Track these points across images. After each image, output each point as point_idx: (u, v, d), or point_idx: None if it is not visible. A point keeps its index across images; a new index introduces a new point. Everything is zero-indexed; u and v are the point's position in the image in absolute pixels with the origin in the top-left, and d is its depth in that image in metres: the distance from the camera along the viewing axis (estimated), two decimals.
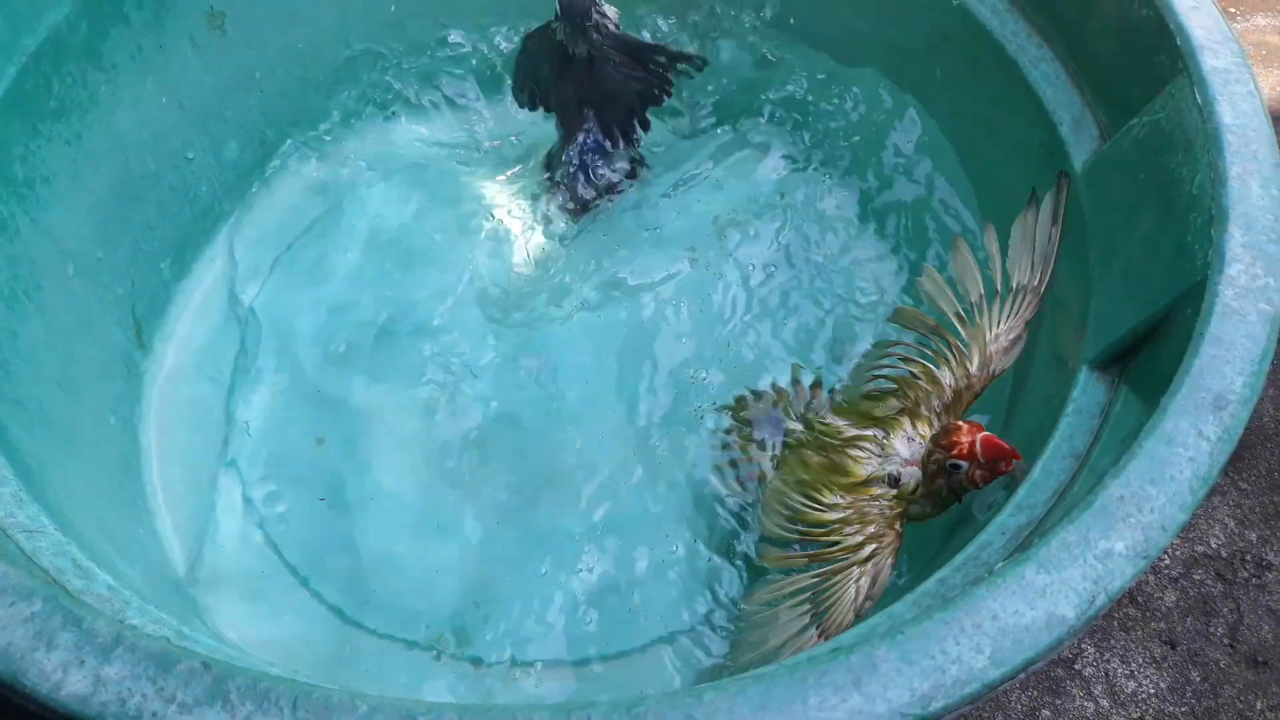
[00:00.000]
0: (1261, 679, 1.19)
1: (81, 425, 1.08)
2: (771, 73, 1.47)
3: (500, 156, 1.49)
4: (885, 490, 0.98)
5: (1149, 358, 0.84)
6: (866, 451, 1.00)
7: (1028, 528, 0.78)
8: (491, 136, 1.51)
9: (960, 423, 0.93)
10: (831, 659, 0.59)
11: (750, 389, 1.19)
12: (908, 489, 0.97)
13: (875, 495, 0.97)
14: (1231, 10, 1.96)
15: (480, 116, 1.52)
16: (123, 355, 1.21)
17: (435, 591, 1.11)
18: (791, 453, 1.08)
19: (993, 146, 1.22)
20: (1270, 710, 1.18)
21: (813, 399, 1.14)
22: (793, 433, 1.10)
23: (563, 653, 1.07)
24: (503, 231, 1.40)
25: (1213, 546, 1.28)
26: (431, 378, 1.26)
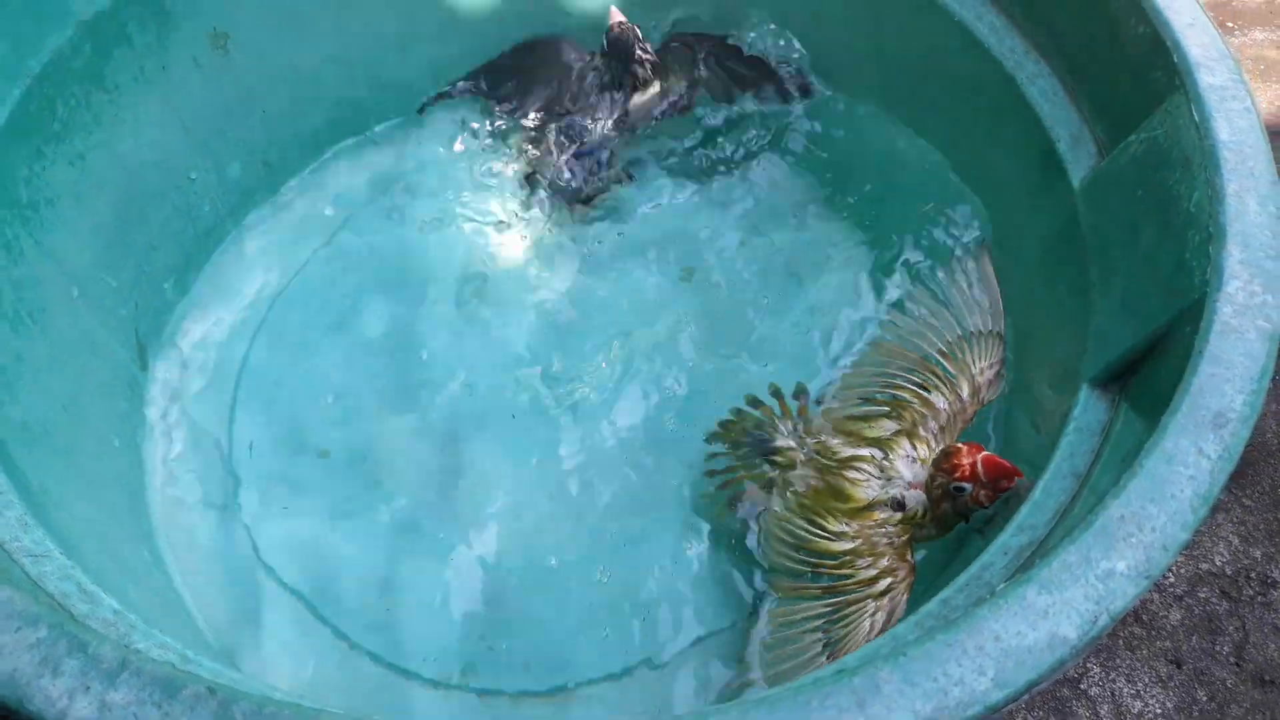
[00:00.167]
0: (1269, 698, 1.19)
1: (85, 447, 1.08)
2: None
3: (499, 172, 1.50)
4: (890, 515, 0.97)
5: (1149, 375, 0.84)
6: (865, 474, 1.00)
7: (1029, 548, 0.78)
8: (491, 153, 1.52)
9: (959, 445, 0.94)
10: (835, 681, 0.59)
11: (734, 409, 1.18)
12: (914, 514, 0.97)
13: (881, 521, 0.97)
14: (1229, 25, 1.97)
15: (481, 133, 1.53)
16: (126, 376, 1.21)
17: (441, 617, 1.11)
18: (786, 475, 1.07)
19: (991, 163, 1.23)
20: None
21: (801, 416, 1.13)
22: (784, 452, 1.09)
23: (569, 679, 1.07)
24: (498, 241, 1.41)
25: (1217, 564, 1.27)
26: (432, 396, 1.26)
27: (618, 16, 1.40)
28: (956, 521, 0.96)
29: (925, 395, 1.04)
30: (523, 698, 1.06)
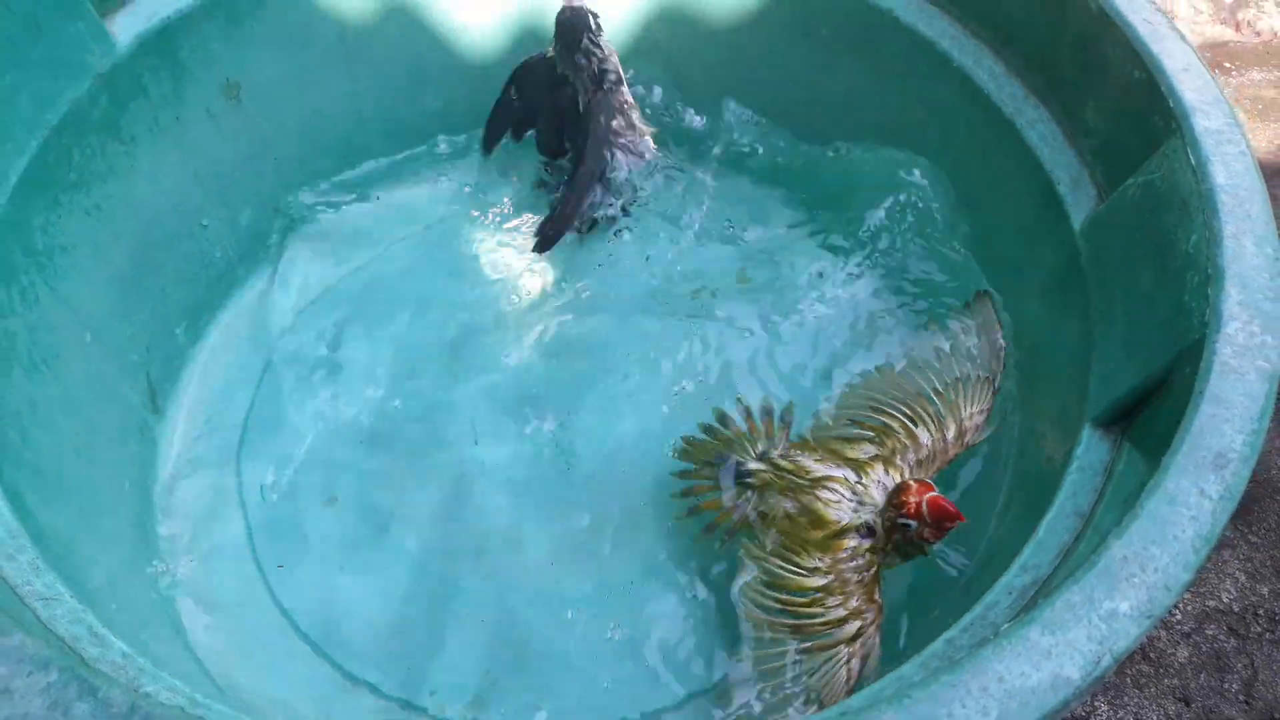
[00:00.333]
0: None
1: (97, 490, 1.09)
2: (766, 135, 1.51)
3: (503, 210, 1.52)
4: (860, 544, 0.98)
5: (1151, 416, 0.85)
6: (837, 494, 1.00)
7: (1033, 587, 0.78)
8: (498, 190, 1.54)
9: (910, 482, 0.95)
10: None
11: (704, 425, 1.17)
12: (882, 542, 0.98)
13: (851, 552, 0.98)
14: (1227, 65, 1.99)
15: (489, 174, 1.55)
16: (137, 420, 1.22)
17: (446, 658, 1.11)
18: (760, 499, 1.06)
19: (992, 206, 1.24)
20: None
21: (778, 436, 1.13)
22: (756, 474, 1.08)
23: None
24: (505, 282, 1.42)
25: (1224, 601, 1.27)
26: (438, 440, 1.27)
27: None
28: (914, 553, 0.97)
29: (911, 428, 1.05)
30: None
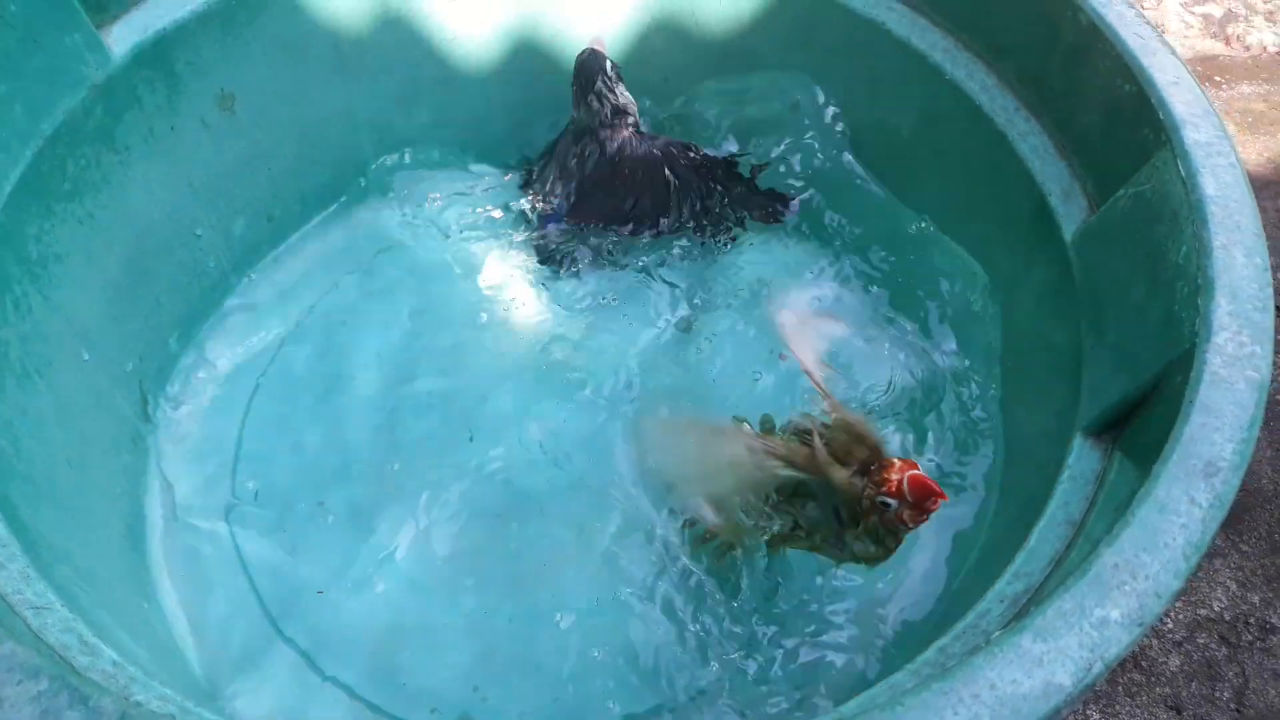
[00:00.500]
0: None
1: (88, 500, 1.09)
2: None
3: (500, 226, 1.52)
4: (792, 439, 1.01)
5: (1141, 425, 0.85)
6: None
7: (1025, 595, 0.79)
8: (494, 206, 1.54)
9: (894, 459, 0.93)
10: None
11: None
12: (822, 455, 0.97)
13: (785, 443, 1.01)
14: (1217, 79, 2.00)
15: (482, 188, 1.55)
16: (130, 429, 1.22)
17: (439, 670, 1.11)
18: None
19: (984, 218, 1.25)
20: None
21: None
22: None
23: None
24: (499, 296, 1.43)
25: (1215, 610, 1.27)
26: (430, 449, 1.27)
27: (597, 43, 1.35)
28: (891, 542, 0.96)
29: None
30: None
